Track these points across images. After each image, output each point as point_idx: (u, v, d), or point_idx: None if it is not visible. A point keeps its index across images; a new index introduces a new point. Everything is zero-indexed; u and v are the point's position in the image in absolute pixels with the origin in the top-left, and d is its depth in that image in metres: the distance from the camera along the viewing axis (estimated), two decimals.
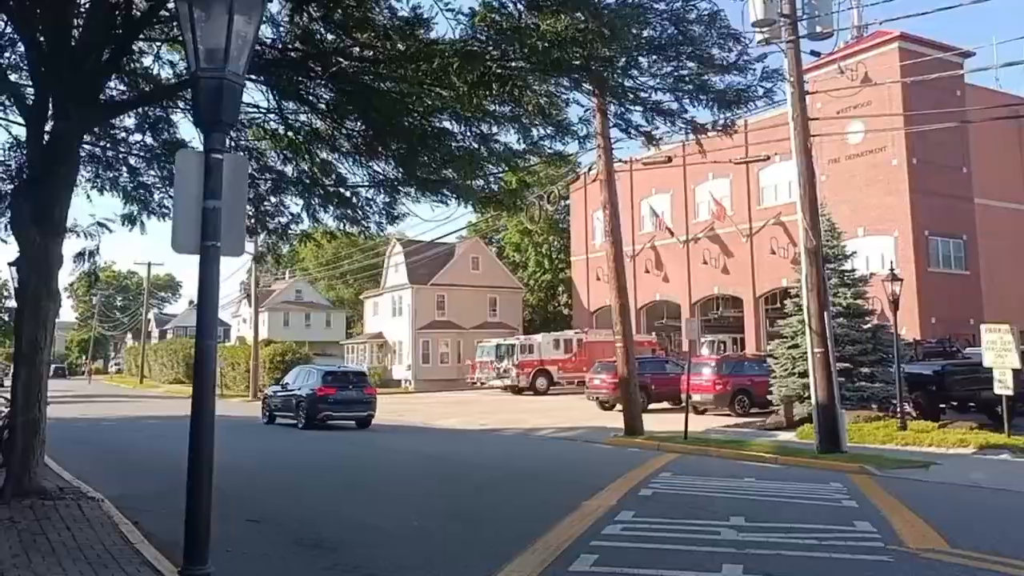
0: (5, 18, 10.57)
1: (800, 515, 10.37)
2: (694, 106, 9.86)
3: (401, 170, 12.02)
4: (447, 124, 10.92)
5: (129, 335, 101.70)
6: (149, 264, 75.96)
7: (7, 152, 12.16)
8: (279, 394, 27.51)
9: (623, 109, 10.29)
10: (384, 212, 13.65)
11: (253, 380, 47.59)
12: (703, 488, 12.72)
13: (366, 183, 13.19)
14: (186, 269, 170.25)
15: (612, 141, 20.97)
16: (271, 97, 12.10)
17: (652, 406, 27.60)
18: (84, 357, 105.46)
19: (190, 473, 4.65)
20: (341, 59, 9.67)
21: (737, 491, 12.42)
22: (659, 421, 23.24)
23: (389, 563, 8.19)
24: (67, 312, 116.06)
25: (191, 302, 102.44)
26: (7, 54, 11.45)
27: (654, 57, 9.10)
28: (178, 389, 61.78)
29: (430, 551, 8.75)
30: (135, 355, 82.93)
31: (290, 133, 13.01)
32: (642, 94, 9.68)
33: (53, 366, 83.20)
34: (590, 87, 10.63)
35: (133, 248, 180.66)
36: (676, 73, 9.46)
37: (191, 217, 4.66)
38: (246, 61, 4.70)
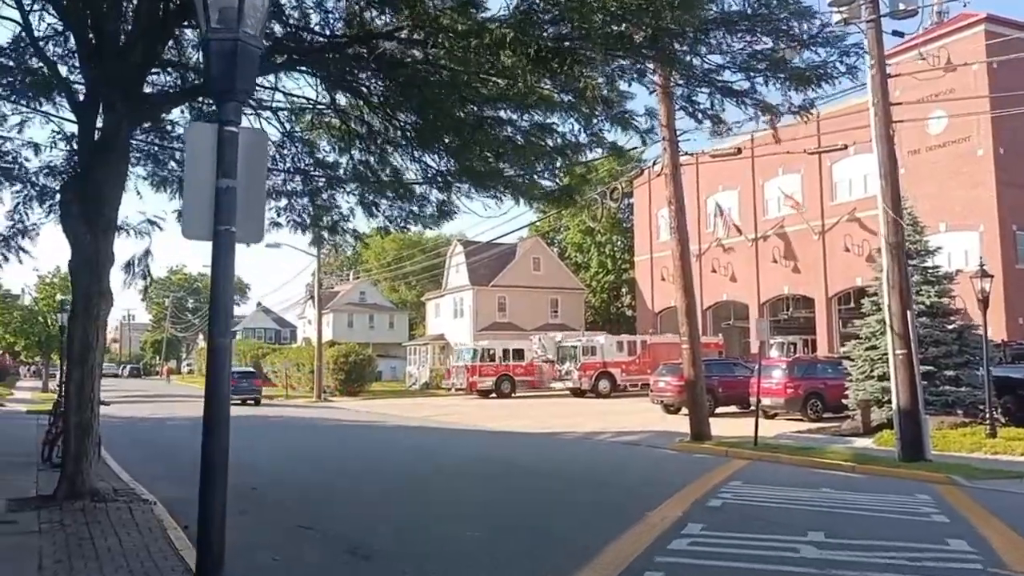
0: (54, 11, 10.48)
1: (886, 531, 9.58)
2: (767, 86, 9.17)
3: (454, 163, 11.59)
4: (501, 114, 10.45)
5: (200, 336, 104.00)
6: None
7: (53, 146, 12.10)
8: None
9: (690, 90, 9.59)
10: (438, 209, 13.32)
11: (317, 381, 47.94)
12: (777, 499, 11.98)
13: (420, 178, 12.82)
14: (252, 271, 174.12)
15: (678, 133, 20.26)
16: (321, 90, 11.86)
17: (719, 410, 26.70)
18: (158, 358, 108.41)
19: (202, 494, 4.21)
20: (388, 42, 9.28)
21: (814, 503, 11.65)
22: (727, 425, 22.40)
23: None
24: (141, 314, 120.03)
25: (258, 304, 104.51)
26: (58, 49, 11.39)
27: (724, 32, 8.44)
28: None
29: (487, 564, 8.29)
30: (205, 356, 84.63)
31: (345, 124, 12.74)
32: (712, 73, 8.99)
33: (129, 366, 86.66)
34: (655, 66, 10.03)
35: (204, 250, 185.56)
36: (748, 50, 8.77)
37: (203, 199, 4.23)
38: (262, 22, 4.28)
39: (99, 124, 10.31)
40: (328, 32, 9.97)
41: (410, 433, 25.75)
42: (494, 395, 44.04)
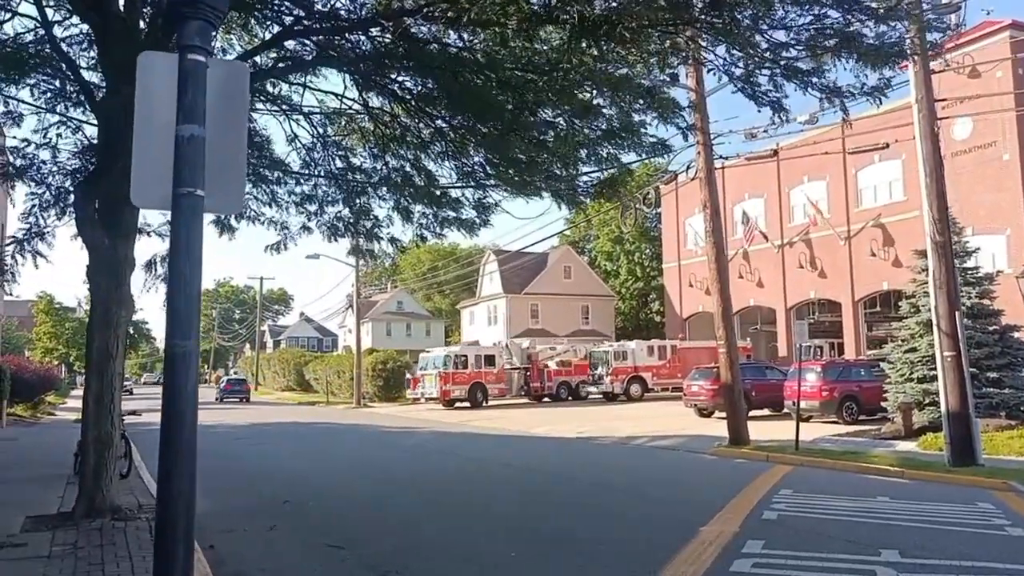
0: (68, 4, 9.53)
1: (964, 547, 8.27)
2: (834, 65, 7.92)
3: (493, 155, 10.43)
4: (542, 99, 9.30)
5: (247, 345, 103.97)
6: (261, 279, 77.33)
7: (59, 138, 11.08)
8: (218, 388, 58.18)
9: (750, 71, 8.32)
10: (476, 209, 12.22)
11: (356, 387, 47.10)
12: (834, 510, 10.68)
13: (455, 179, 11.74)
14: (294, 281, 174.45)
15: (712, 137, 19.09)
16: (353, 88, 10.81)
17: (752, 413, 25.27)
18: (206, 366, 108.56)
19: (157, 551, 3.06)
20: (419, 25, 8.19)
21: (875, 514, 10.35)
22: (761, 429, 21.12)
23: None
24: None
25: (301, 314, 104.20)
26: (78, 48, 10.45)
27: (789, 3, 7.21)
28: (289, 396, 62.53)
29: None
30: (251, 364, 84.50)
31: (379, 127, 11.68)
32: (777, 49, 7.74)
33: None
34: (695, 57, 8.86)
35: (248, 263, 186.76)
36: (816, 24, 7.52)
37: (159, 152, 3.08)
38: None
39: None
40: (354, 16, 8.89)
41: (446, 440, 24.62)
42: (467, 404, 39.23)
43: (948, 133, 31.02)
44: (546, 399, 42.17)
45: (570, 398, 41.95)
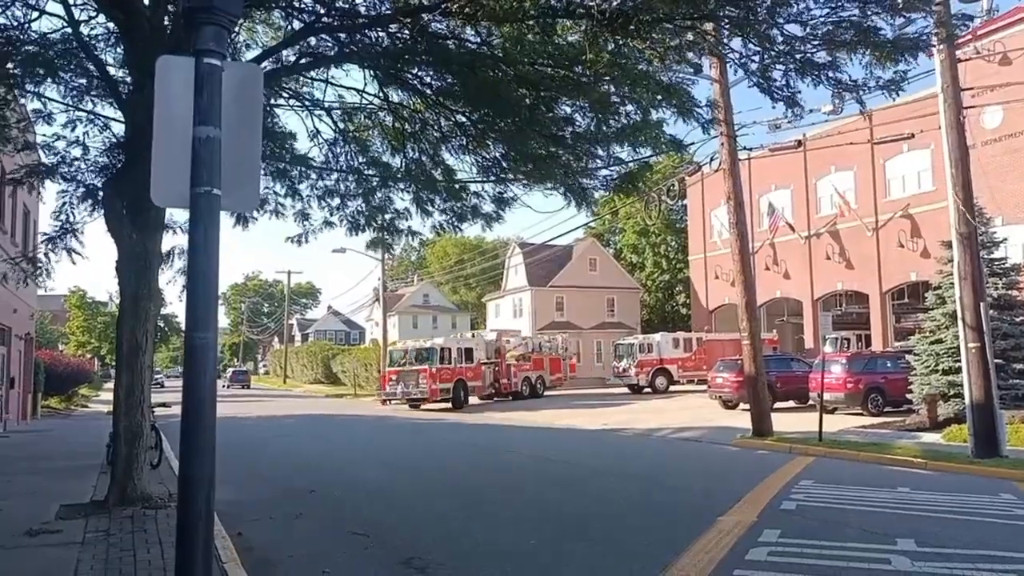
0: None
1: (982, 537, 8.31)
2: (850, 60, 7.89)
3: (510, 149, 10.53)
4: (558, 99, 9.38)
5: (276, 339, 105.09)
6: (289, 273, 78.04)
7: (86, 136, 11.33)
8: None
9: (764, 65, 8.31)
10: (495, 203, 12.34)
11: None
12: (854, 500, 10.71)
13: (475, 173, 11.87)
14: (321, 275, 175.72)
15: (736, 128, 19.03)
16: (373, 84, 11.00)
17: (777, 405, 25.26)
18: (235, 359, 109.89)
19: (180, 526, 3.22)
20: (437, 22, 8.33)
21: (895, 504, 10.37)
22: (786, 420, 21.08)
23: None
24: (220, 318, 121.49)
25: (329, 307, 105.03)
26: (104, 44, 10.70)
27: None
28: (316, 388, 63.28)
29: None
30: (279, 357, 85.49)
31: (398, 122, 11.85)
32: (792, 43, 7.73)
33: None
34: (716, 49, 8.88)
35: (276, 257, 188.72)
36: (833, 17, 7.50)
37: (177, 153, 3.29)
38: None
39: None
40: (372, 12, 9.05)
41: (471, 432, 24.87)
42: (448, 404, 35.65)
43: (978, 122, 30.59)
44: (497, 397, 38.70)
45: (530, 395, 39.38)
